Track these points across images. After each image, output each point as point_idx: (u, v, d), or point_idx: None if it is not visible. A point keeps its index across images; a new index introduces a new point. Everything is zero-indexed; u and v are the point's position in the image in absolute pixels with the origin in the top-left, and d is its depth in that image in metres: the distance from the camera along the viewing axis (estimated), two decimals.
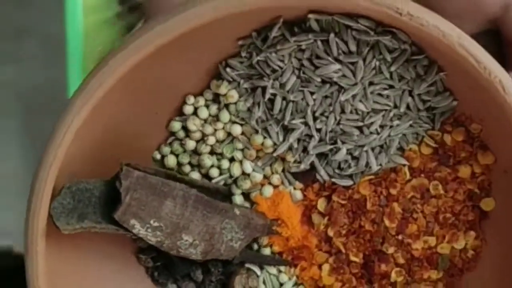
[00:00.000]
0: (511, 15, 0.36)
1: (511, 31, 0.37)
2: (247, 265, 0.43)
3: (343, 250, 0.41)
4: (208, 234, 0.39)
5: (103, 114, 0.37)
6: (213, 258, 0.40)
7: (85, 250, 0.40)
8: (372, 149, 0.39)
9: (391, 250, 0.41)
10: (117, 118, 0.39)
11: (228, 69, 0.39)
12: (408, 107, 0.39)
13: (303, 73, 0.38)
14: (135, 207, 0.37)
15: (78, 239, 0.38)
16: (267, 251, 0.42)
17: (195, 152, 0.42)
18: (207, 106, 0.41)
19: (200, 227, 0.39)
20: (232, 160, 0.42)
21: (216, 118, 0.41)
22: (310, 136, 0.39)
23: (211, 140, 0.41)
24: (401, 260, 0.41)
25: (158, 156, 0.42)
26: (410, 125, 0.39)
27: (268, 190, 0.42)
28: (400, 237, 0.40)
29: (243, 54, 0.39)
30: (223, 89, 0.40)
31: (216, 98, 0.41)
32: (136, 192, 0.37)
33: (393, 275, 0.41)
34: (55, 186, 0.36)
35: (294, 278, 0.42)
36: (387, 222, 0.40)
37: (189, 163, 0.42)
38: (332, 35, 0.37)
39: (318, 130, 0.39)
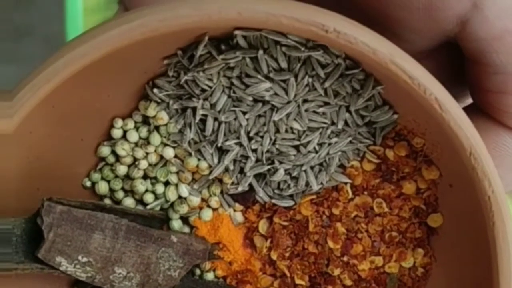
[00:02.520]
0: (467, 32, 0.35)
1: (469, 48, 0.35)
2: None
3: (288, 274, 0.39)
4: (143, 265, 0.37)
5: (22, 145, 0.35)
6: None
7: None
8: (312, 168, 0.37)
9: (337, 272, 0.39)
10: (39, 148, 0.36)
11: (155, 90, 0.37)
12: (346, 124, 0.36)
13: (234, 92, 0.36)
14: (60, 243, 0.35)
15: None
16: (210, 276, 0.40)
17: (128, 177, 0.40)
18: (136, 128, 0.39)
19: (134, 259, 0.37)
20: (167, 184, 0.39)
21: (147, 141, 0.39)
22: (246, 157, 0.37)
23: (143, 164, 0.39)
24: (348, 282, 0.39)
25: (89, 184, 0.40)
26: (350, 142, 0.37)
27: (207, 214, 0.39)
28: (345, 258, 0.38)
29: (170, 73, 0.37)
30: (151, 111, 0.38)
31: (146, 120, 0.39)
32: (61, 228, 0.35)
33: None
34: None
35: None
36: (331, 244, 0.38)
37: (122, 188, 0.40)
38: (260, 51, 0.35)
39: (254, 151, 0.37)
